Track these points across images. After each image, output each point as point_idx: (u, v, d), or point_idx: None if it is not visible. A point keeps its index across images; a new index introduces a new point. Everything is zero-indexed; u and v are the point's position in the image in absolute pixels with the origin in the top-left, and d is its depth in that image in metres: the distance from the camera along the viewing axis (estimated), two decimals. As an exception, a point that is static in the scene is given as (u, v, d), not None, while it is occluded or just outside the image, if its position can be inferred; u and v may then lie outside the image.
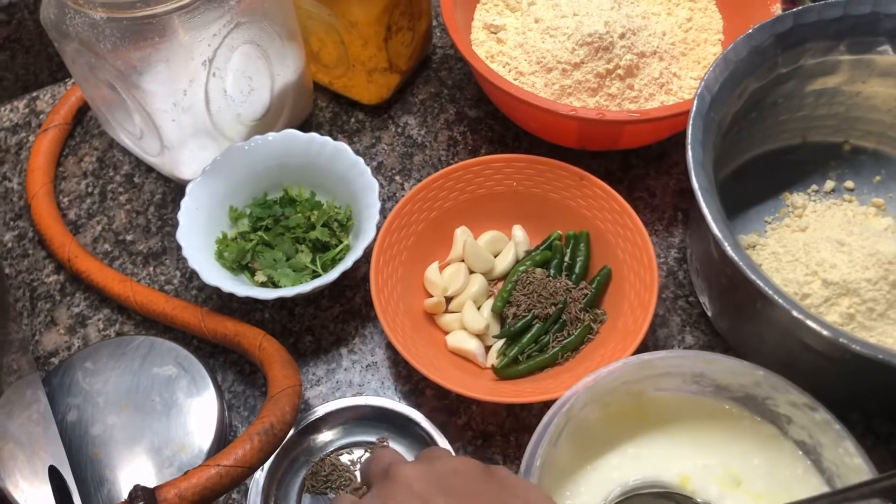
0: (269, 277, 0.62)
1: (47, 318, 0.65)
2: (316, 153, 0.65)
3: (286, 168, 0.66)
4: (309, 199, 0.66)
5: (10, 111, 0.76)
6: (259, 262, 0.63)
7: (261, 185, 0.66)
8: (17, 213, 0.70)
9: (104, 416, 0.58)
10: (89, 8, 0.54)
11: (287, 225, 0.64)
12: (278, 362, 0.55)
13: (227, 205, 0.64)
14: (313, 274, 0.62)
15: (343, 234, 0.65)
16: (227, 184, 0.64)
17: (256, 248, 0.63)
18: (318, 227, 0.63)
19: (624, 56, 0.67)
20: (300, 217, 0.64)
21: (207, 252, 0.61)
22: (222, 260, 0.62)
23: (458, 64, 0.77)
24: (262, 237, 0.63)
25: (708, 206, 0.51)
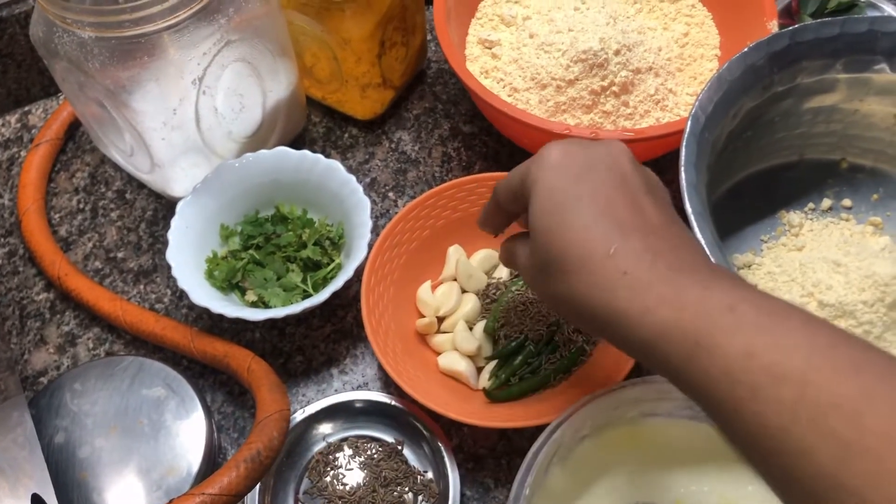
0: (259, 297, 0.61)
1: (36, 336, 0.64)
2: (308, 170, 0.64)
3: (278, 185, 0.65)
4: (301, 217, 0.65)
5: (1, 126, 0.75)
6: (249, 282, 0.62)
7: (252, 203, 0.66)
8: (7, 229, 0.70)
9: (92, 439, 0.57)
10: (77, 27, 0.54)
11: (278, 244, 0.63)
12: (266, 386, 0.55)
13: (217, 223, 0.64)
14: (304, 294, 0.61)
15: (335, 252, 0.64)
16: (218, 202, 0.63)
17: (247, 267, 0.63)
18: (310, 246, 0.63)
19: (619, 73, 0.66)
20: (291, 235, 0.63)
21: (197, 271, 0.61)
22: (212, 279, 0.61)
23: (452, 79, 0.77)
24: (252, 256, 0.63)
25: (702, 232, 0.50)
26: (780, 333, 0.32)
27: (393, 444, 0.58)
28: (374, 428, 0.59)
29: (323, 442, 0.59)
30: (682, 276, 0.36)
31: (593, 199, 0.38)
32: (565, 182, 0.39)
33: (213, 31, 0.57)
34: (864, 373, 0.30)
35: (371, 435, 0.58)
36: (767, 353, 0.31)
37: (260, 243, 0.64)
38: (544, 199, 0.39)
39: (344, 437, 0.59)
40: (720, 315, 0.33)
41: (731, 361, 0.32)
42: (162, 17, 0.54)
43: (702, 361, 0.33)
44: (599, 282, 0.36)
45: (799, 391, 0.30)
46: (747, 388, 0.31)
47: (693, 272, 0.36)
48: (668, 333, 0.34)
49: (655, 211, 0.39)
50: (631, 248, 0.37)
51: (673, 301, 0.34)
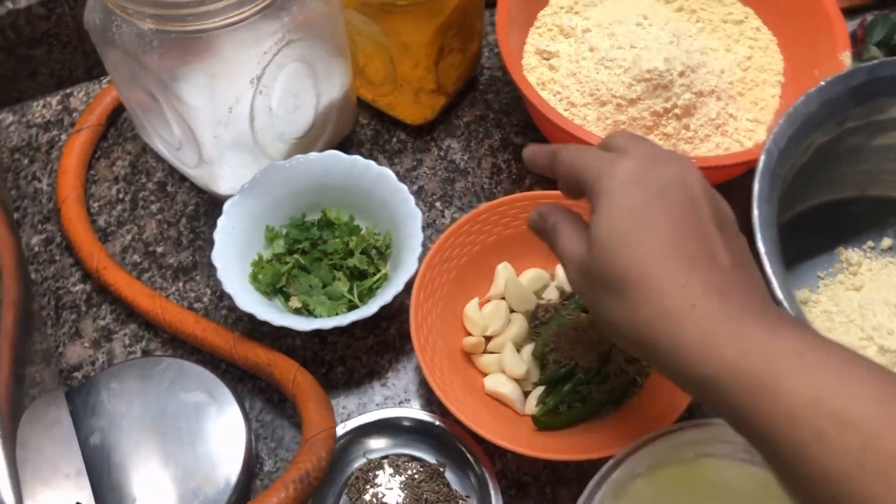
0: (303, 304, 0.60)
1: (72, 329, 0.63)
2: (358, 176, 0.63)
3: (326, 189, 0.63)
4: (347, 224, 0.63)
5: (42, 107, 0.73)
6: (294, 288, 0.61)
7: (299, 205, 0.64)
8: (45, 215, 0.68)
9: (128, 442, 0.56)
10: (137, 18, 0.52)
11: (325, 250, 0.62)
12: (313, 401, 0.53)
13: (263, 224, 0.62)
14: (349, 304, 0.60)
15: (381, 262, 0.62)
16: (265, 202, 0.62)
17: (292, 272, 0.61)
18: (357, 255, 0.61)
19: (682, 95, 0.64)
20: (338, 242, 0.62)
21: (242, 274, 0.59)
22: (257, 283, 0.60)
23: (505, 87, 0.75)
24: (298, 260, 0.61)
25: (774, 272, 0.49)
26: (847, 381, 0.31)
27: (435, 465, 0.56)
28: (415, 447, 0.57)
29: (363, 458, 0.57)
30: (751, 317, 0.35)
31: (666, 227, 0.38)
32: (638, 202, 0.38)
33: (275, 30, 0.55)
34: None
35: (413, 454, 0.57)
36: (835, 399, 0.31)
37: (306, 248, 0.62)
38: (614, 216, 0.38)
39: (385, 455, 0.57)
40: (788, 359, 0.33)
41: (796, 405, 0.31)
42: (226, 13, 0.52)
43: (765, 403, 0.32)
44: (665, 311, 0.36)
45: (865, 439, 0.29)
46: (812, 433, 0.30)
47: (761, 315, 0.36)
48: (733, 373, 0.33)
49: (725, 247, 0.39)
50: (701, 281, 0.36)
51: (740, 340, 0.34)
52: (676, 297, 0.35)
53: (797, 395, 0.31)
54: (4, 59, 0.70)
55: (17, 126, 0.72)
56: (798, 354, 0.33)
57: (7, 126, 0.72)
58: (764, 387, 0.32)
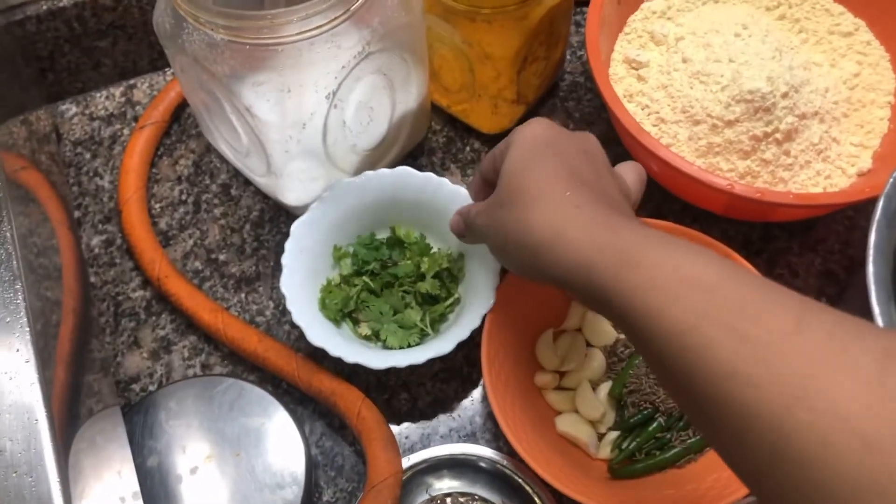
0: (374, 331, 0.57)
1: (130, 338, 0.61)
2: (431, 193, 0.59)
3: (396, 206, 0.60)
4: (418, 243, 0.60)
5: (105, 98, 0.71)
6: (364, 314, 0.58)
7: (367, 223, 0.61)
8: (106, 215, 0.66)
9: (186, 466, 0.54)
10: (210, 28, 0.49)
11: (395, 273, 0.59)
12: (380, 441, 0.51)
13: (330, 244, 0.59)
14: (421, 332, 0.57)
15: (452, 285, 0.59)
16: (332, 220, 0.59)
17: (361, 296, 0.58)
18: (429, 279, 0.58)
19: (784, 118, 0.59)
20: (409, 265, 0.59)
21: (310, 301, 0.57)
22: (326, 310, 0.57)
23: (587, 95, 0.71)
24: (367, 283, 0.58)
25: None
26: (697, 258, 0.37)
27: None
28: (481, 486, 0.55)
29: (426, 494, 0.55)
30: (624, 218, 0.42)
31: (562, 157, 0.45)
32: (540, 141, 0.46)
33: (354, 43, 0.52)
34: (763, 288, 0.35)
35: (478, 494, 0.54)
36: (688, 268, 0.36)
37: (375, 269, 0.59)
38: (519, 149, 0.46)
39: (448, 493, 0.55)
40: (652, 240, 0.38)
41: (657, 273, 0.36)
42: (304, 25, 0.48)
43: (631, 274, 0.37)
44: (554, 210, 0.42)
45: (710, 296, 0.35)
46: (669, 295, 0.35)
47: (632, 220, 0.42)
48: (606, 252, 0.39)
49: (610, 182, 0.46)
50: (585, 193, 0.43)
51: (614, 228, 0.40)
52: (563, 201, 0.42)
53: (659, 268, 0.37)
54: (69, 50, 0.68)
55: (80, 118, 0.70)
56: (660, 238, 0.39)
57: (70, 118, 0.70)
58: (630, 260, 0.38)
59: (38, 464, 0.38)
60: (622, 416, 0.55)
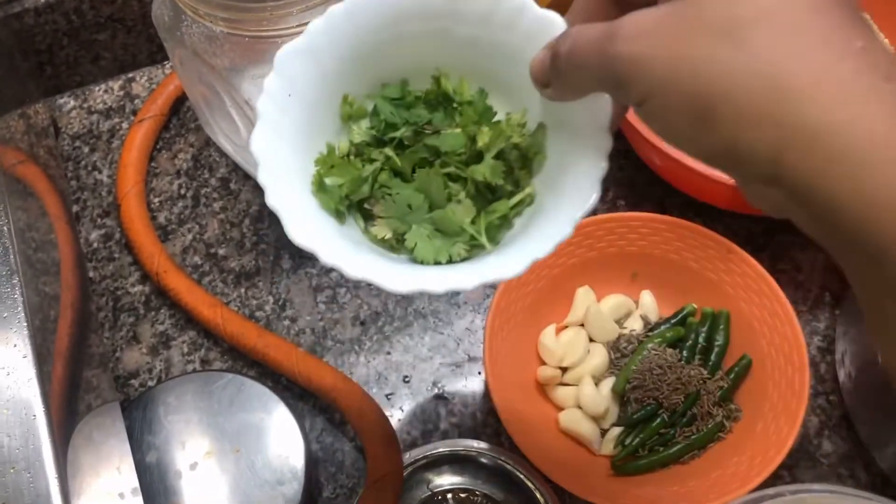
0: (395, 233, 0.38)
1: (129, 333, 0.61)
2: (505, 21, 0.37)
3: (444, 41, 0.38)
4: (475, 103, 0.39)
5: (104, 92, 0.71)
6: (383, 206, 0.38)
7: (398, 66, 0.39)
8: (105, 209, 0.66)
9: (185, 462, 0.53)
10: (209, 20, 0.49)
11: (437, 146, 0.38)
12: (380, 438, 0.50)
13: (338, 94, 0.39)
14: (471, 241, 0.37)
15: (524, 173, 0.38)
16: (343, 55, 0.37)
17: (380, 178, 0.38)
18: (488, 159, 0.37)
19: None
20: (460, 137, 0.38)
21: (300, 178, 0.37)
22: (324, 194, 0.37)
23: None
24: (391, 159, 0.38)
25: None
26: None
27: (502, 503, 0.53)
28: (483, 481, 0.54)
29: (427, 490, 0.54)
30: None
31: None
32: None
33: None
34: None
35: (480, 490, 0.54)
36: None
37: (406, 138, 0.39)
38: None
39: (449, 489, 0.54)
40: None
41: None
42: (305, 18, 0.48)
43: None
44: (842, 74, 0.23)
45: None
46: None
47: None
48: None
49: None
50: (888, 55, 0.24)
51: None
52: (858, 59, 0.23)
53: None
54: (68, 44, 0.68)
55: (78, 112, 0.70)
56: None
57: (68, 111, 0.70)
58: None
59: (35, 459, 0.37)
60: (625, 412, 0.55)
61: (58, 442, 0.41)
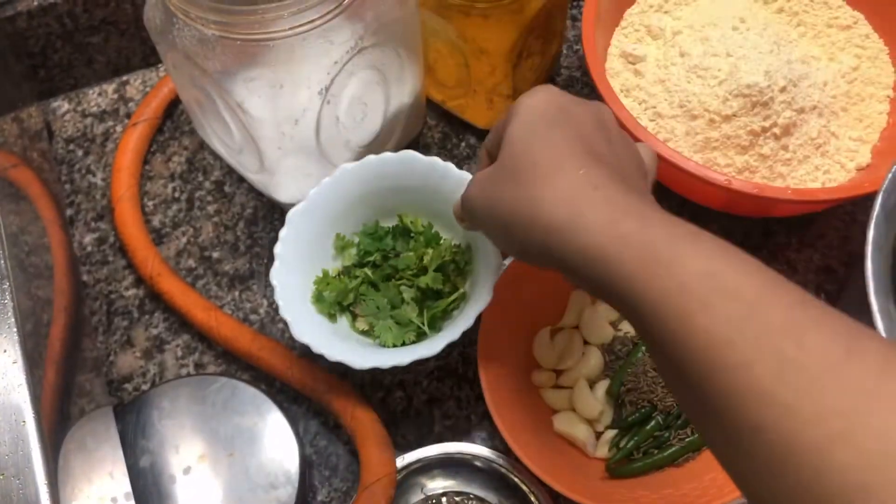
0: (370, 326, 0.56)
1: (123, 336, 0.61)
2: (437, 179, 0.56)
3: (402, 193, 0.57)
4: (425, 232, 0.57)
5: (98, 95, 0.70)
6: (361, 308, 0.56)
7: (372, 211, 0.58)
8: (98, 212, 0.65)
9: (179, 466, 0.53)
10: (200, 24, 0.48)
11: (396, 265, 0.56)
12: (373, 441, 0.50)
13: (332, 233, 0.57)
14: (418, 330, 0.55)
15: (459, 279, 0.56)
16: (334, 208, 0.56)
17: (360, 289, 0.56)
18: (431, 272, 0.55)
19: (783, 113, 0.59)
20: (411, 257, 0.56)
21: (303, 294, 0.55)
22: (320, 303, 0.55)
23: (584, 89, 0.70)
24: (367, 275, 0.56)
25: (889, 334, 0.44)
26: (739, 264, 0.33)
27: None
28: (477, 485, 0.54)
29: (420, 494, 0.54)
30: (650, 204, 0.37)
31: (575, 127, 0.40)
32: (551, 107, 0.41)
33: (347, 38, 0.51)
34: (809, 305, 0.31)
35: (474, 493, 0.54)
36: (726, 275, 0.32)
37: (377, 261, 0.57)
38: (526, 115, 0.41)
39: (443, 492, 0.54)
40: (685, 237, 0.34)
41: (688, 278, 0.32)
42: (296, 20, 0.48)
43: (658, 273, 0.33)
44: (569, 190, 0.37)
45: (749, 310, 0.31)
46: (700, 303, 0.32)
47: (658, 208, 0.37)
48: (629, 244, 0.34)
49: (628, 158, 0.41)
50: (604, 172, 0.38)
51: (640, 216, 0.35)
52: (579, 179, 0.37)
53: (690, 268, 0.33)
54: (62, 47, 0.67)
55: (72, 115, 0.70)
56: (694, 235, 0.34)
57: (62, 115, 0.70)
58: (659, 258, 0.33)
59: (25, 466, 0.37)
60: (620, 414, 0.54)
61: (48, 447, 0.41)
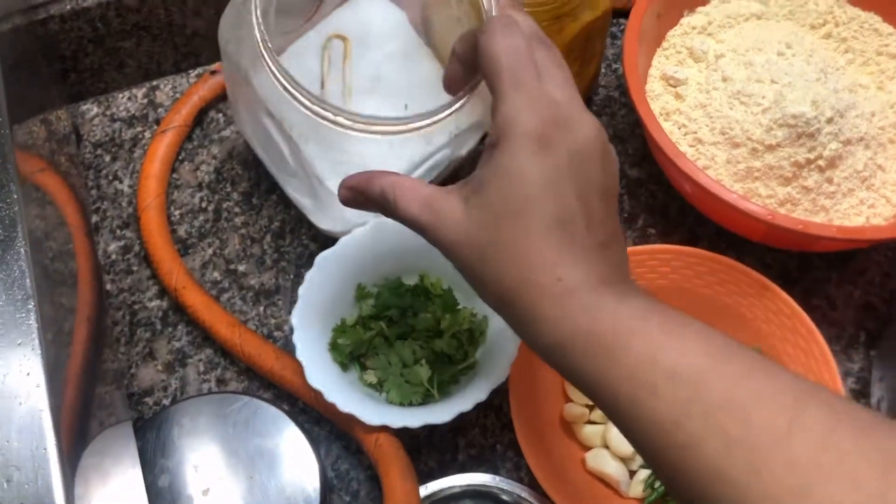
0: (378, 380, 0.55)
1: (145, 349, 0.60)
2: None
3: (428, 253, 0.56)
4: (444, 296, 0.57)
5: (127, 99, 0.70)
6: (372, 361, 0.56)
7: (397, 266, 0.58)
8: (124, 220, 0.65)
9: (198, 487, 0.52)
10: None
11: (413, 325, 0.56)
12: (397, 470, 0.49)
13: (354, 282, 0.57)
14: (426, 393, 0.54)
15: (472, 347, 0.56)
16: (362, 259, 0.57)
17: (374, 342, 0.56)
18: (446, 338, 0.55)
19: (829, 144, 0.57)
20: (430, 319, 0.56)
21: (321, 339, 0.55)
22: (335, 351, 0.55)
23: (622, 110, 0.68)
24: (383, 329, 0.56)
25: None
26: (679, 339, 0.34)
27: (521, 542, 0.52)
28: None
29: (439, 525, 0.53)
30: (607, 287, 0.37)
31: (555, 204, 0.37)
32: (538, 173, 0.37)
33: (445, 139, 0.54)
34: (753, 377, 0.33)
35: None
36: (668, 356, 0.34)
37: (394, 316, 0.56)
38: (511, 182, 0.37)
39: (463, 524, 0.53)
40: (633, 322, 0.35)
41: (635, 366, 0.34)
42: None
43: (609, 364, 0.35)
44: (531, 282, 0.37)
45: (694, 390, 0.33)
46: (648, 389, 0.33)
47: (617, 284, 0.37)
48: (583, 338, 0.36)
49: (604, 222, 0.39)
50: (571, 258, 0.37)
51: (593, 309, 0.36)
52: (545, 272, 0.37)
53: (636, 356, 0.34)
54: (93, 51, 0.67)
55: (101, 119, 0.69)
56: (642, 318, 0.35)
57: (91, 118, 0.69)
58: (609, 351, 0.35)
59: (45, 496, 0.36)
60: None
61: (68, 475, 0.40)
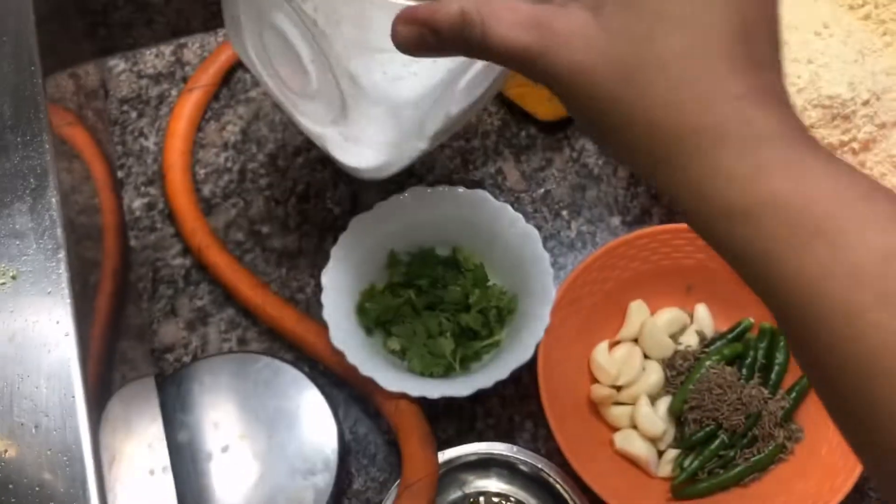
0: (402, 347, 0.55)
1: (167, 306, 0.60)
2: (504, 225, 0.56)
3: (465, 227, 0.57)
4: (475, 271, 0.56)
5: (155, 56, 0.69)
6: (397, 328, 0.55)
7: (431, 236, 0.58)
8: (149, 177, 0.64)
9: (217, 444, 0.53)
10: None
11: (442, 297, 0.55)
12: (417, 438, 0.49)
13: (387, 247, 0.57)
14: (448, 366, 0.54)
15: (497, 325, 0.56)
16: (397, 225, 0.56)
17: (402, 309, 0.56)
18: (473, 312, 0.54)
19: (863, 127, 0.56)
20: (459, 292, 0.55)
21: (348, 302, 0.55)
22: (362, 315, 0.55)
23: (652, 86, 0.68)
24: (411, 297, 0.55)
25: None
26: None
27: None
28: (518, 487, 0.53)
29: (459, 491, 0.53)
30: (804, 140, 0.28)
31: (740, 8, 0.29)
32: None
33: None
34: None
35: (514, 497, 0.53)
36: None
37: (424, 286, 0.56)
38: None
39: (482, 492, 0.53)
40: (856, 203, 0.26)
41: (861, 261, 0.25)
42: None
43: (818, 253, 0.25)
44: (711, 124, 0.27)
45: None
46: (876, 295, 0.24)
47: (815, 145, 0.28)
48: (778, 209, 0.26)
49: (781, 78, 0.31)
50: (761, 93, 0.28)
51: (796, 169, 0.26)
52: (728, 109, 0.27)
53: (864, 250, 0.25)
54: (123, 5, 0.66)
55: (128, 75, 0.68)
56: (867, 197, 0.26)
57: (118, 74, 0.68)
58: (823, 233, 0.25)
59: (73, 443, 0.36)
60: (682, 433, 0.53)
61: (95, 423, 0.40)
